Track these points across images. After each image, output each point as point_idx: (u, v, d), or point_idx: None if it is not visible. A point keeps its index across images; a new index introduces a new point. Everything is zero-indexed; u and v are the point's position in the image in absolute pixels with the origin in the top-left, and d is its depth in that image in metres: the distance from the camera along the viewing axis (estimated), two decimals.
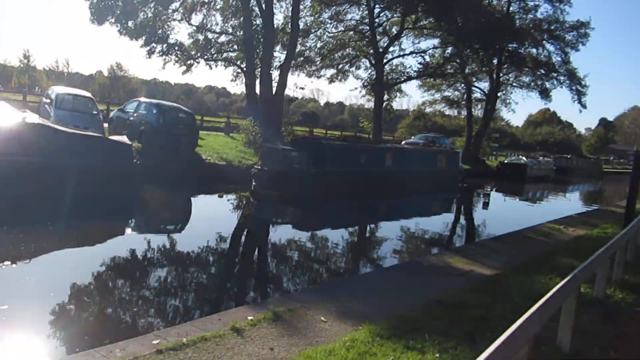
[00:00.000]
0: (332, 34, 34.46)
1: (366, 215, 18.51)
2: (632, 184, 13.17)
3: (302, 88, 34.58)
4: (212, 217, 14.28)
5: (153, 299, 6.84)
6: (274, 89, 24.63)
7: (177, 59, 25.89)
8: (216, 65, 26.90)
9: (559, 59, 40.13)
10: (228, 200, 18.60)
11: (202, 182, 19.14)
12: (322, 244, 11.84)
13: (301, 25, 33.61)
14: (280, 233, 13.15)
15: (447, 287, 6.93)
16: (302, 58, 34.54)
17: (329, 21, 33.49)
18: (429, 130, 71.39)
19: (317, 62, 35.70)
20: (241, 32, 26.35)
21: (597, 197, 37.36)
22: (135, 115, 20.63)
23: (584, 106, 41.44)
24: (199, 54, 26.04)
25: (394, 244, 12.96)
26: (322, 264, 10.02)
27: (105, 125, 20.56)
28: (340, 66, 37.25)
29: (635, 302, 6.89)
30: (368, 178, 23.42)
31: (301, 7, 32.62)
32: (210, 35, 27.22)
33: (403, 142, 41.72)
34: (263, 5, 24.27)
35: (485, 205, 26.28)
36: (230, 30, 27.44)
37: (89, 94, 20.29)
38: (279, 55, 29.90)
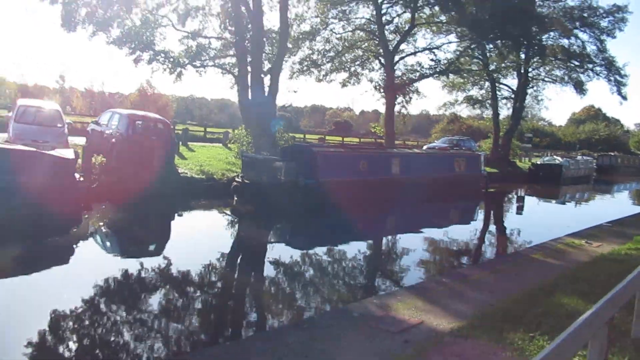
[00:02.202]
0: (339, 35, 32.20)
1: (360, 231, 16.03)
2: None
3: (295, 91, 32.01)
4: (165, 241, 12.15)
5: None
6: (266, 94, 22.55)
7: (165, 66, 24.18)
8: (205, 72, 25.05)
9: (594, 47, 36.50)
10: (198, 218, 16.47)
11: (177, 198, 17.17)
12: (280, 278, 9.50)
13: (307, 27, 31.61)
14: (248, 257, 10.95)
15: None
16: (308, 62, 32.39)
17: (336, 21, 31.24)
18: (464, 134, 67.98)
19: (326, 66, 33.45)
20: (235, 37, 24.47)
21: None
22: (107, 127, 18.97)
23: (625, 97, 37.51)
24: (187, 61, 24.23)
25: (369, 271, 10.52)
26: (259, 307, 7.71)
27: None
28: (352, 69, 34.89)
29: None
30: (371, 188, 20.94)
31: (307, 7, 30.71)
32: (203, 41, 25.42)
33: (425, 146, 38.95)
34: (251, 6, 22.29)
35: (504, 214, 23.19)
36: (224, 35, 25.54)
37: (55, 106, 18.72)
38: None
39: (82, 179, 13.97)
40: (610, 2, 46.93)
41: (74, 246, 10.43)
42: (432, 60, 30.71)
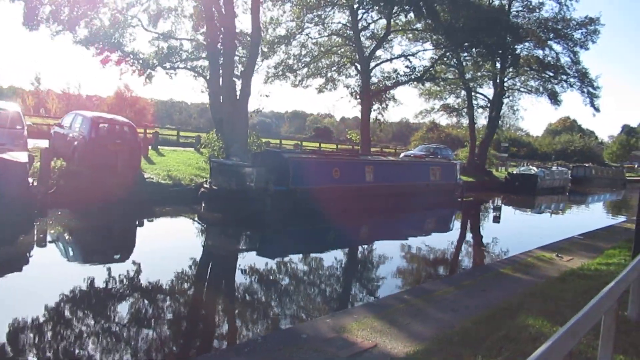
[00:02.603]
0: (315, 40, 31.82)
1: (329, 241, 15.61)
2: None
3: (267, 96, 31.47)
4: (121, 251, 11.48)
5: None
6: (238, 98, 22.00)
7: (134, 68, 23.47)
8: (175, 74, 24.37)
9: (568, 59, 36.88)
10: (161, 225, 15.80)
11: (140, 205, 16.49)
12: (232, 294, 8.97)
13: (283, 31, 31.17)
14: (203, 269, 10.35)
15: None
16: (283, 66, 31.93)
17: (311, 26, 30.90)
18: (442, 142, 68.13)
19: (302, 71, 33.05)
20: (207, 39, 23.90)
21: (616, 210, 33.62)
22: (70, 129, 18.23)
23: (597, 109, 38.00)
24: (157, 62, 23.55)
25: (331, 286, 10.06)
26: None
27: None
28: (329, 74, 34.55)
29: None
30: (344, 195, 20.51)
31: (282, 11, 30.26)
32: (174, 43, 24.77)
33: (402, 154, 38.77)
34: (222, 9, 21.78)
35: (479, 224, 22.98)
36: (197, 37, 24.93)
37: (15, 107, 17.87)
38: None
39: (35, 183, 13.25)
40: (583, 14, 47.49)
41: (14, 257, 9.65)
42: (407, 67, 30.61)
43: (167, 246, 12.50)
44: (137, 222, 15.28)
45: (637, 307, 6.13)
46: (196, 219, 17.16)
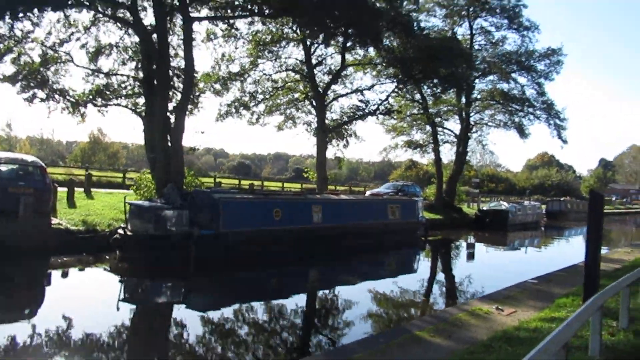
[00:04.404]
0: (269, 76, 30.50)
1: (256, 293, 13.58)
2: (592, 234, 8.32)
3: (202, 132, 29.76)
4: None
5: None
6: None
7: (63, 105, 21.71)
8: (107, 111, 22.65)
9: (534, 91, 36.22)
10: (59, 278, 13.58)
11: (44, 253, 14.39)
12: None
13: (236, 68, 29.86)
14: (91, 328, 8.27)
15: None
16: (237, 103, 30.43)
17: (264, 61, 29.61)
18: (421, 180, 66.82)
19: (258, 108, 31.59)
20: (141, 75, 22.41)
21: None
22: None
23: (565, 141, 37.10)
24: (88, 99, 21.84)
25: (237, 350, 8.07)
26: None
27: None
28: (287, 112, 33.17)
29: None
30: (286, 238, 18.65)
31: (234, 47, 29.04)
32: (109, 79, 23.09)
33: (368, 192, 37.15)
34: (156, 45, 20.34)
35: (431, 267, 21.09)
36: (132, 73, 23.34)
37: None
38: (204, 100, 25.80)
39: None
40: (545, 45, 47.44)
41: None
42: (360, 101, 29.30)
43: (61, 300, 10.44)
44: (30, 274, 13.12)
45: None
46: (103, 269, 15.04)
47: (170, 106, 21.11)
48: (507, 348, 6.39)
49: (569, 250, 28.07)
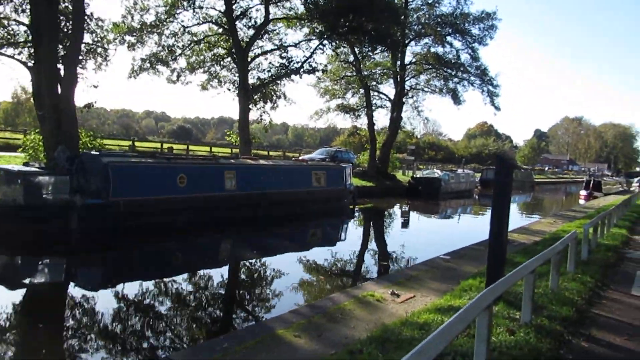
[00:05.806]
0: (189, 29, 27.80)
1: (144, 271, 11.81)
2: (497, 208, 7.04)
3: (96, 86, 26.72)
4: None
5: None
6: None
7: None
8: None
9: (468, 56, 35.34)
10: None
11: None
12: None
13: (152, 17, 26.97)
14: None
15: None
16: (154, 59, 27.64)
17: (182, 11, 26.83)
18: (363, 147, 65.82)
19: (177, 64, 28.90)
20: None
21: (519, 213, 32.06)
22: None
23: (498, 108, 36.67)
24: None
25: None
26: None
27: None
28: (211, 69, 30.59)
29: None
30: (193, 207, 16.77)
31: None
32: None
33: (300, 157, 35.59)
34: None
35: (348, 239, 19.93)
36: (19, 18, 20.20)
37: None
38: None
39: None
40: (480, 9, 46.76)
41: None
42: (282, 57, 27.23)
43: None
44: None
45: None
46: None
47: None
48: (378, 355, 4.99)
49: None
